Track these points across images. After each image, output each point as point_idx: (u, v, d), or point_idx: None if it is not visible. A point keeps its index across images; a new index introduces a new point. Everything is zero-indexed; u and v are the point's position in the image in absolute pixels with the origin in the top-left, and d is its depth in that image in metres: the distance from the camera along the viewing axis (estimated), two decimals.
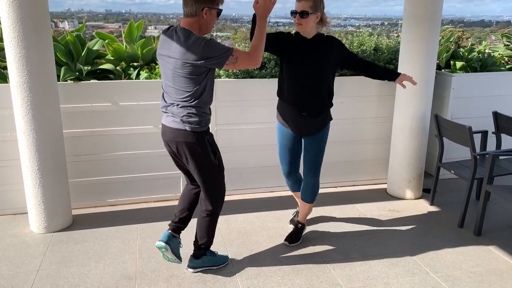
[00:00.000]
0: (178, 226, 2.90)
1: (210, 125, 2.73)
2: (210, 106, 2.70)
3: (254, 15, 2.66)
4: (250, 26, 2.85)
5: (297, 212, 3.63)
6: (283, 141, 3.25)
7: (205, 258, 2.98)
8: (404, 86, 3.22)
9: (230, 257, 3.14)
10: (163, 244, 2.78)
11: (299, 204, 3.44)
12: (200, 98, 2.57)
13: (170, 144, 2.69)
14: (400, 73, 3.21)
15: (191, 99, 2.55)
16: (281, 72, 3.12)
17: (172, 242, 2.83)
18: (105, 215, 3.76)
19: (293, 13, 2.93)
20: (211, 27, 2.63)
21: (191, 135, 2.58)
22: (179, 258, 2.87)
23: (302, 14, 2.89)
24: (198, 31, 2.55)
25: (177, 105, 2.58)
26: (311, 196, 3.29)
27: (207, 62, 2.47)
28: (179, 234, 2.91)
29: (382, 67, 3.41)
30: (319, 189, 3.32)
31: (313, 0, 2.90)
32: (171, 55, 2.51)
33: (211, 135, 2.73)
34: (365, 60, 3.21)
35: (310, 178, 3.23)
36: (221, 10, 2.63)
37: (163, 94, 2.69)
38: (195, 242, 2.95)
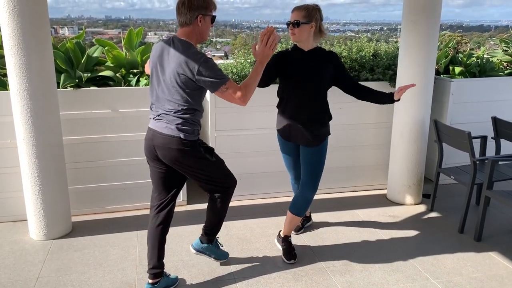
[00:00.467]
0: (157, 272, 2.77)
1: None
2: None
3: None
4: (249, 31, 2.85)
5: (304, 220, 3.67)
6: (285, 150, 3.26)
7: (210, 245, 3.01)
8: (404, 91, 3.06)
9: (230, 264, 3.13)
10: None
11: (288, 216, 3.23)
12: (195, 108, 2.57)
13: (157, 149, 2.59)
14: (392, 93, 3.09)
15: (186, 109, 2.53)
16: (280, 85, 3.13)
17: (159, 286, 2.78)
18: (105, 222, 3.76)
19: (288, 24, 2.96)
20: (207, 34, 2.63)
21: (185, 142, 2.55)
22: (175, 283, 2.89)
23: (295, 24, 2.90)
24: (195, 39, 2.56)
25: (171, 114, 2.54)
26: (304, 210, 3.16)
27: (200, 80, 2.45)
28: (162, 276, 2.81)
29: (377, 91, 3.15)
30: (317, 195, 3.31)
31: (306, 10, 2.89)
32: (168, 66, 2.50)
33: (201, 140, 2.71)
34: (361, 85, 3.13)
35: (308, 191, 3.11)
36: (215, 17, 2.62)
37: (152, 104, 2.65)
38: (205, 228, 2.97)
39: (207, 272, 3.03)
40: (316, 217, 3.85)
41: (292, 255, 3.20)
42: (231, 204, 4.03)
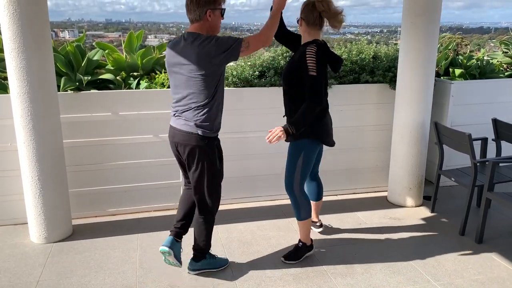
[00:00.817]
0: (179, 232, 2.95)
1: None
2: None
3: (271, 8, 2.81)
4: (249, 34, 2.88)
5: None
6: None
7: (204, 261, 3.03)
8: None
9: (230, 266, 3.13)
10: (167, 248, 2.84)
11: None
12: (213, 105, 2.65)
13: (178, 146, 2.73)
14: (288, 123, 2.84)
15: (205, 105, 2.62)
16: None
17: (175, 246, 2.89)
18: (106, 225, 3.75)
19: None
20: (218, 28, 2.72)
21: (203, 139, 2.65)
22: (180, 262, 2.93)
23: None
24: (206, 33, 2.63)
25: (191, 110, 2.64)
26: (295, 213, 3.14)
27: (222, 57, 2.55)
28: (180, 239, 2.96)
29: (300, 113, 2.81)
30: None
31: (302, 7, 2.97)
32: (184, 62, 2.59)
33: (219, 140, 2.82)
34: (307, 100, 2.81)
35: (288, 194, 3.11)
36: (224, 10, 2.71)
37: (172, 102, 2.76)
38: (194, 246, 3.00)
39: (207, 274, 3.02)
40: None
41: (287, 255, 3.19)
42: (232, 207, 4.07)
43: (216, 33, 2.71)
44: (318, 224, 3.62)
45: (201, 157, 2.69)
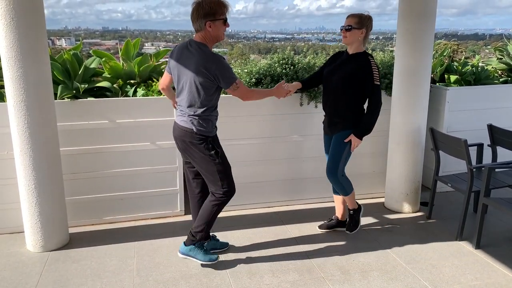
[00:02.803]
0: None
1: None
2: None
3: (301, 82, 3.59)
4: (246, 42, 2.97)
5: (330, 219, 3.83)
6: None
7: (193, 248, 3.14)
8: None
9: (228, 273, 3.12)
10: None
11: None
12: (210, 105, 2.89)
13: (176, 140, 3.02)
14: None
15: (203, 105, 2.87)
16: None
17: (208, 245, 3.24)
18: (102, 233, 3.74)
19: (341, 28, 3.36)
20: (221, 36, 2.92)
21: (197, 136, 2.88)
22: (224, 246, 3.43)
23: (347, 28, 3.30)
24: (210, 42, 2.87)
25: (190, 107, 2.88)
26: (342, 192, 3.62)
27: (218, 79, 2.81)
28: (209, 238, 3.22)
29: (370, 117, 3.43)
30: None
31: (359, 17, 3.30)
32: (187, 66, 2.82)
33: (215, 138, 3.03)
34: (371, 102, 3.37)
35: (331, 179, 3.62)
36: (226, 19, 2.87)
37: (176, 101, 3.04)
38: (191, 230, 3.14)
39: (205, 282, 3.02)
40: (313, 225, 3.85)
41: (349, 228, 3.74)
42: (229, 214, 4.06)
43: (220, 41, 2.94)
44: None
45: (196, 153, 2.94)
